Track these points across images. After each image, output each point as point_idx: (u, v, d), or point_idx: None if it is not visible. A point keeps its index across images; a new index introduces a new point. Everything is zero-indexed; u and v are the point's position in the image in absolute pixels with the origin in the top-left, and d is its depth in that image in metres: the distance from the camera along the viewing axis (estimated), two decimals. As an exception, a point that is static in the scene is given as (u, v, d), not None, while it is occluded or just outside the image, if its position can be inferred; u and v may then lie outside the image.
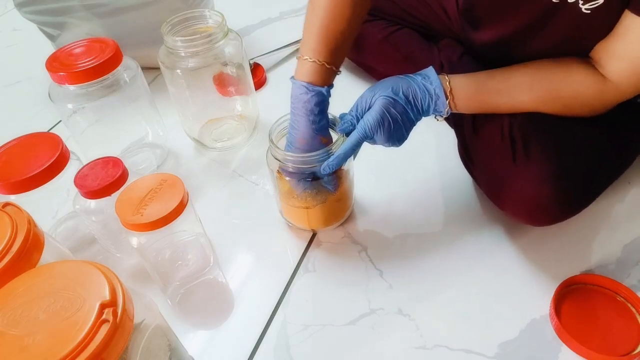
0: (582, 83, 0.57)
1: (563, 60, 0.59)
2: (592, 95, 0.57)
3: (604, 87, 0.56)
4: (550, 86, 0.58)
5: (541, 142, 0.58)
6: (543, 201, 0.56)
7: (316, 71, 0.58)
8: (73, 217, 0.71)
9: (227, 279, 0.67)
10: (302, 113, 0.58)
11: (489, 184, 0.64)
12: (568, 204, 0.57)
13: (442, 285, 0.63)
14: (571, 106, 0.59)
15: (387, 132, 0.58)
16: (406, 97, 0.58)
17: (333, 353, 0.57)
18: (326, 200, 0.65)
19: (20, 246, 0.45)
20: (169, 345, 0.47)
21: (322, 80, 0.58)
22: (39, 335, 0.34)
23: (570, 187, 0.56)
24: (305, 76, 0.58)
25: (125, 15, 0.95)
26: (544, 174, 0.56)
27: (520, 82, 0.59)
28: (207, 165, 0.84)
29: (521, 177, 0.57)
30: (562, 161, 0.57)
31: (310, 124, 0.58)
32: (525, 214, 0.59)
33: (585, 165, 0.57)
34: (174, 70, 0.74)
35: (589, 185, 0.58)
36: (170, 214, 0.53)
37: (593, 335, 0.55)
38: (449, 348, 0.57)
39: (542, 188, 0.56)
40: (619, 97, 0.57)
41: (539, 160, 0.57)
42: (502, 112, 0.61)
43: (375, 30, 0.88)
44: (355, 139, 0.58)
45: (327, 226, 0.70)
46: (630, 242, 0.66)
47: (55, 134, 0.64)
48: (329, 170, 0.58)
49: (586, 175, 0.57)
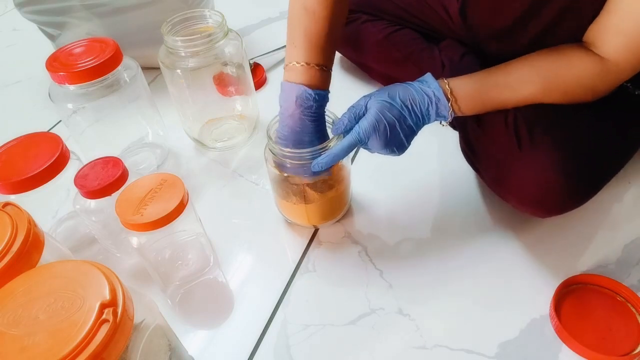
0: (581, 67, 0.57)
1: (560, 48, 0.59)
2: (592, 77, 0.57)
3: (602, 67, 0.56)
4: (550, 74, 0.58)
5: (546, 129, 0.57)
6: (550, 188, 0.55)
7: (309, 72, 0.58)
8: (73, 217, 0.71)
9: (227, 279, 0.67)
10: (294, 117, 0.57)
11: (493, 175, 0.63)
12: (575, 191, 0.57)
13: (442, 285, 0.63)
14: (573, 92, 0.58)
15: (382, 136, 0.57)
16: (403, 102, 0.58)
17: (333, 353, 0.57)
18: (324, 195, 0.65)
19: (20, 246, 0.45)
20: (169, 345, 0.47)
21: (317, 82, 0.58)
22: (39, 335, 0.34)
23: (577, 173, 0.56)
24: (297, 78, 0.58)
25: (125, 15, 0.95)
26: (551, 161, 0.55)
27: (520, 74, 0.59)
28: (207, 165, 0.84)
29: (527, 165, 0.57)
30: (568, 148, 0.56)
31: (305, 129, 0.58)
32: (531, 203, 0.58)
33: (591, 152, 0.57)
34: (174, 70, 0.74)
35: (596, 172, 0.58)
36: (170, 214, 0.53)
37: (593, 335, 0.55)
38: (449, 348, 0.57)
39: (549, 175, 0.55)
40: (620, 76, 0.56)
41: (545, 147, 0.56)
42: (506, 107, 0.61)
43: (375, 30, 0.88)
44: (348, 142, 0.58)
45: (325, 222, 0.70)
46: (631, 242, 0.66)
47: (55, 134, 0.64)
48: (319, 168, 0.58)
49: (592, 162, 0.57)
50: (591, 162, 0.57)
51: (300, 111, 0.57)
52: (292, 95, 0.57)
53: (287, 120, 0.58)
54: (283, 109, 0.59)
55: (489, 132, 0.63)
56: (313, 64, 0.58)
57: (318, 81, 0.58)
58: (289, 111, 0.58)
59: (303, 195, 0.65)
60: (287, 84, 0.58)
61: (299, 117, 0.57)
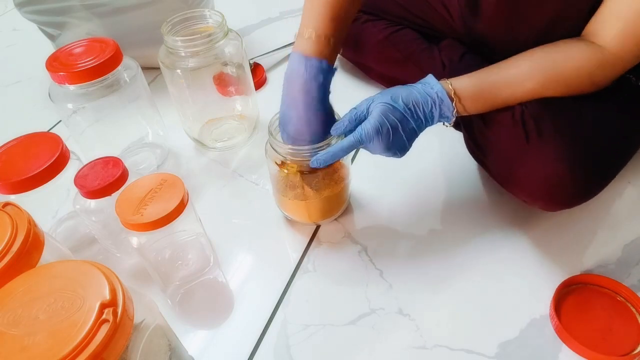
0: (580, 58, 0.57)
1: (559, 41, 0.59)
2: (592, 67, 0.57)
3: (602, 57, 0.56)
4: (550, 67, 0.58)
5: (553, 122, 0.57)
6: (559, 180, 0.55)
7: (319, 44, 0.57)
8: (73, 217, 0.71)
9: (227, 279, 0.67)
10: (300, 88, 0.57)
11: (501, 169, 0.63)
12: (584, 183, 0.56)
13: (442, 285, 0.63)
14: (574, 84, 0.58)
15: (385, 139, 0.57)
16: (406, 104, 0.58)
17: (333, 353, 0.57)
18: (324, 192, 0.65)
19: (20, 246, 0.45)
20: (169, 345, 0.47)
21: (325, 54, 0.58)
22: (39, 335, 0.34)
23: (585, 166, 0.55)
24: (307, 49, 0.57)
25: (125, 15, 0.95)
26: (559, 153, 0.55)
27: (521, 70, 0.59)
28: (207, 165, 0.84)
29: (535, 157, 0.57)
30: (576, 141, 0.56)
31: (311, 101, 0.57)
32: (541, 196, 0.58)
33: (599, 144, 0.57)
34: (174, 70, 0.74)
35: (603, 165, 0.57)
36: (170, 214, 0.53)
37: (593, 335, 0.55)
38: (449, 348, 0.57)
39: (557, 167, 0.55)
40: (620, 65, 0.56)
41: (553, 140, 0.56)
42: (509, 104, 0.60)
43: (375, 30, 0.88)
44: (349, 142, 0.58)
45: (325, 218, 0.70)
46: (631, 242, 0.66)
47: (55, 134, 0.64)
48: (317, 165, 0.58)
49: (601, 154, 0.57)
50: (599, 154, 0.57)
51: (308, 79, 0.57)
52: (302, 65, 0.57)
53: (295, 93, 0.58)
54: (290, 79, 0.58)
55: (495, 127, 0.62)
56: (329, 37, 0.58)
57: (329, 55, 0.58)
58: (300, 80, 0.57)
59: (303, 192, 0.65)
60: (298, 53, 0.58)
61: (308, 87, 0.57)
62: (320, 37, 0.57)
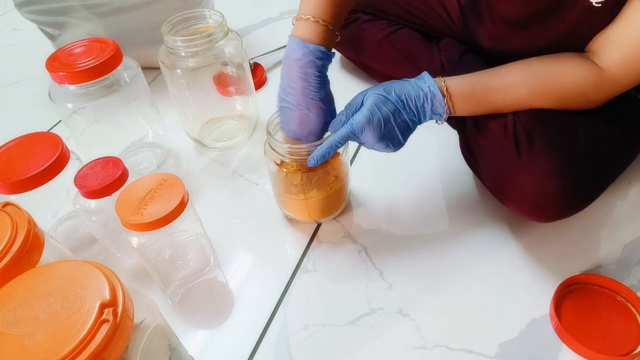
0: (577, 74, 0.57)
1: (559, 54, 0.59)
2: (588, 86, 0.57)
3: (599, 78, 0.56)
4: (546, 78, 0.58)
5: (545, 137, 0.57)
6: (548, 196, 0.56)
7: (317, 29, 0.57)
8: (73, 217, 0.71)
9: (227, 279, 0.67)
10: (298, 72, 0.57)
11: (493, 180, 0.64)
12: (573, 198, 0.57)
13: (442, 285, 0.63)
14: (568, 98, 0.58)
15: (377, 129, 0.57)
16: (398, 96, 0.58)
17: (333, 353, 0.57)
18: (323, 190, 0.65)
19: (20, 246, 0.45)
20: (169, 345, 0.47)
21: (322, 40, 0.58)
22: (39, 335, 0.34)
23: (575, 181, 0.56)
24: (304, 34, 0.57)
25: (125, 15, 0.95)
26: (549, 169, 0.55)
27: (516, 77, 0.59)
28: (207, 165, 0.84)
29: (526, 172, 0.57)
30: (567, 155, 0.56)
31: (308, 86, 0.57)
32: (529, 209, 0.59)
33: (591, 160, 0.57)
34: (174, 70, 0.74)
35: (594, 179, 0.58)
36: (170, 213, 0.53)
37: (593, 335, 0.55)
38: (449, 348, 0.57)
39: (547, 182, 0.55)
40: (615, 88, 0.57)
41: (544, 155, 0.56)
42: (501, 110, 0.61)
43: (375, 30, 0.88)
44: (341, 134, 0.58)
45: (324, 217, 0.70)
46: (631, 242, 0.66)
47: (55, 134, 0.64)
48: (314, 163, 0.58)
49: (591, 170, 0.57)
50: (590, 169, 0.57)
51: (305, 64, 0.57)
52: (300, 49, 0.57)
53: (292, 77, 0.58)
54: (287, 64, 0.58)
55: (488, 138, 0.63)
56: (326, 22, 0.58)
57: (327, 41, 0.58)
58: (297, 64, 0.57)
59: (303, 190, 0.65)
60: (295, 38, 0.58)
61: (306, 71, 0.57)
62: (318, 23, 0.58)
